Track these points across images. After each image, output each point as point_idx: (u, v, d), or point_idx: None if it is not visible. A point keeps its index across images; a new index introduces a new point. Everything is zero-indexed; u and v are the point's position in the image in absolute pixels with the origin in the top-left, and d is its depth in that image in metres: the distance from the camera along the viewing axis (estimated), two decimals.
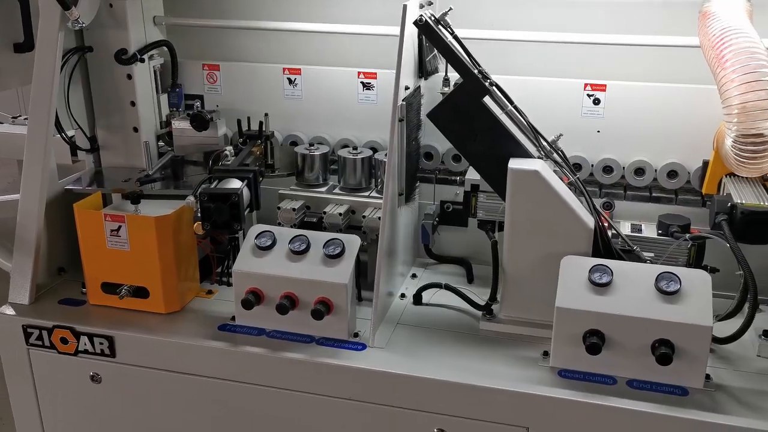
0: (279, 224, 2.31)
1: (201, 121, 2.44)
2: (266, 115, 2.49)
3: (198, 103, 2.54)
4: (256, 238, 2.11)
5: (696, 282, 1.85)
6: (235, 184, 2.16)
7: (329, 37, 2.54)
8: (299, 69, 2.56)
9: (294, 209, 2.31)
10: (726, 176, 2.12)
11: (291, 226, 2.28)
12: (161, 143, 2.57)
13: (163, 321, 2.18)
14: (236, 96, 2.64)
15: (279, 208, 2.33)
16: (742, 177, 2.05)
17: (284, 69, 2.57)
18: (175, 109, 2.62)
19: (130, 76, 2.43)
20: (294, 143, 2.59)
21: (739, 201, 1.93)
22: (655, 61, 2.30)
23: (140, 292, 2.19)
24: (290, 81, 2.58)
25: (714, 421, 1.75)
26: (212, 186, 2.16)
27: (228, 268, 2.35)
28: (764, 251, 1.91)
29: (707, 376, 1.85)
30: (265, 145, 2.46)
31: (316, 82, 2.57)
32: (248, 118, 2.51)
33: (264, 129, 2.47)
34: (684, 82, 2.25)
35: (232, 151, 2.40)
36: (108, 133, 2.52)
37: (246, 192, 2.17)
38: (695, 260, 2.04)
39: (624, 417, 1.80)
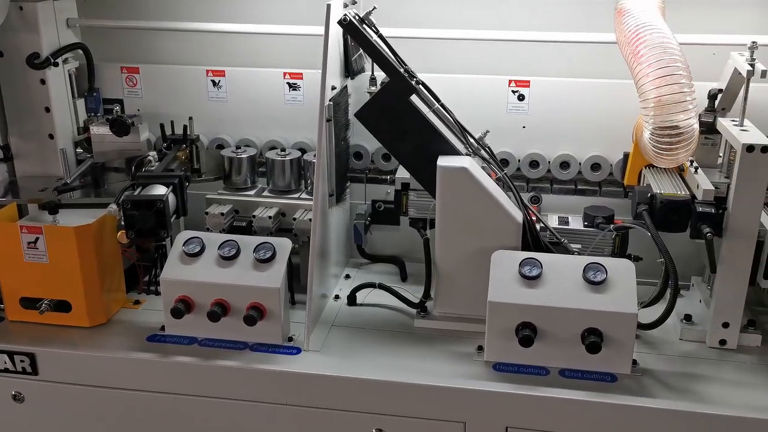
0: (207, 230, 2.26)
1: (121, 126, 2.36)
2: (190, 118, 2.43)
3: (117, 108, 2.45)
4: (183, 244, 2.06)
5: (621, 271, 1.90)
6: (160, 190, 2.10)
7: (253, 38, 2.50)
8: (223, 71, 2.51)
9: (222, 214, 2.26)
10: (645, 167, 2.19)
11: (220, 231, 2.24)
12: (80, 150, 2.48)
13: (87, 335, 2.10)
14: (158, 99, 2.57)
15: (207, 213, 2.28)
16: (661, 168, 2.12)
17: (208, 71, 2.52)
18: (93, 114, 2.53)
19: (43, 81, 2.33)
20: (220, 146, 2.54)
21: (658, 191, 2.00)
22: (576, 57, 2.36)
23: (62, 306, 2.10)
24: (214, 83, 2.53)
25: (641, 405, 1.80)
26: (136, 193, 2.09)
27: (155, 276, 2.29)
28: (683, 239, 1.98)
29: (634, 362, 1.91)
30: (190, 149, 2.40)
31: (242, 83, 2.52)
32: (171, 122, 2.45)
33: (188, 133, 2.41)
34: (604, 77, 2.32)
35: (156, 156, 2.33)
36: (22, 141, 2.41)
37: (172, 198, 2.11)
38: (620, 250, 2.11)
39: (557, 406, 1.84)
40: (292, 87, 2.49)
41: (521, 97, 2.38)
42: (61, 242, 2.03)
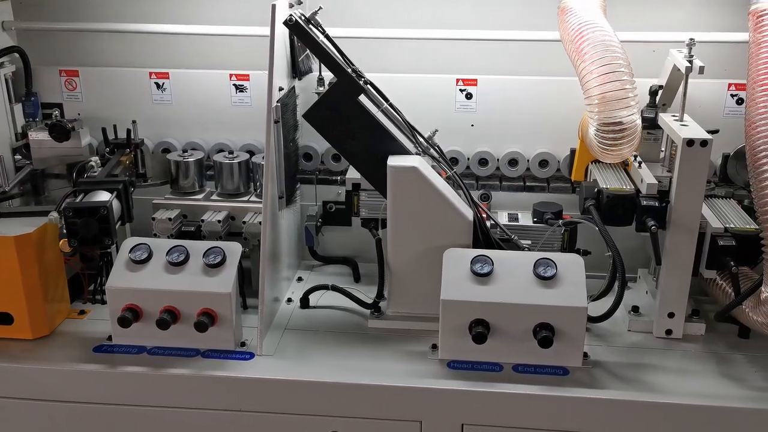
0: (155, 235, 2.21)
1: (61, 131, 2.29)
2: (134, 122, 2.37)
3: (57, 112, 2.37)
4: (130, 251, 2.01)
5: (570, 266, 1.93)
6: (104, 196, 2.04)
7: (198, 39, 2.46)
8: (167, 73, 2.46)
9: (170, 219, 2.21)
10: (592, 163, 2.23)
11: (168, 237, 2.19)
12: (18, 157, 2.41)
13: (31, 347, 2.03)
14: (99, 103, 2.50)
15: (154, 218, 2.23)
16: (606, 163, 2.16)
17: (151, 73, 2.47)
18: (31, 119, 2.46)
19: None
20: (166, 150, 2.49)
21: (604, 186, 2.04)
22: (522, 55, 2.39)
23: (3, 318, 2.03)
24: (158, 86, 2.47)
25: (593, 397, 1.84)
26: (78, 200, 2.03)
27: (101, 285, 2.22)
28: (630, 232, 2.02)
29: (585, 355, 1.94)
30: (134, 153, 2.34)
31: (186, 85, 2.48)
32: (114, 126, 2.39)
33: (132, 137, 2.35)
34: (549, 75, 2.35)
35: (98, 161, 2.27)
36: None
37: (116, 204, 2.06)
38: (569, 244, 2.14)
39: (512, 401, 1.85)
40: (239, 88, 2.45)
41: (469, 96, 2.40)
42: (1, 252, 1.95)
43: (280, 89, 2.06)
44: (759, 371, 1.94)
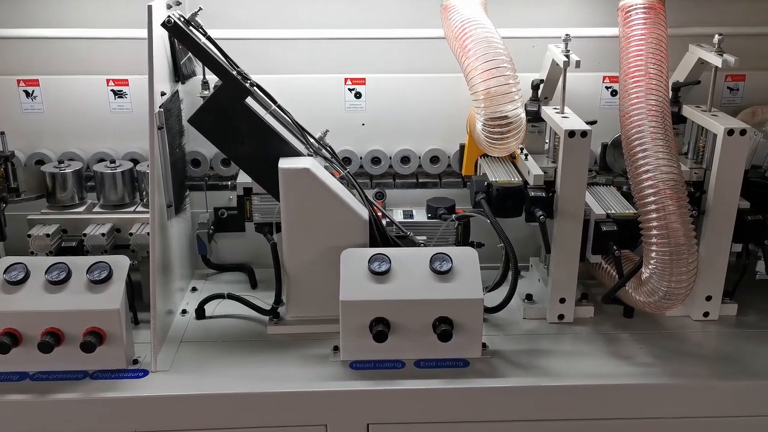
0: (32, 253, 2.08)
1: None
2: (2, 133, 2.21)
3: None
4: (4, 272, 1.87)
5: (465, 259, 1.97)
6: None
7: (70, 43, 2.32)
8: (37, 80, 2.32)
9: (48, 235, 2.08)
10: (481, 157, 2.28)
11: (46, 254, 2.06)
12: None
13: None
14: None
15: (30, 235, 2.09)
16: (494, 157, 2.21)
17: (19, 81, 2.31)
18: None
19: None
20: (40, 162, 2.34)
21: (493, 179, 2.09)
22: (408, 53, 2.41)
23: None
24: (28, 94, 2.32)
25: (493, 386, 1.88)
26: None
27: None
28: (520, 223, 2.08)
29: (484, 345, 1.98)
30: (4, 167, 2.18)
31: (60, 93, 2.34)
32: None
33: (2, 149, 2.19)
34: (436, 72, 2.38)
35: None
36: None
37: None
38: (463, 238, 2.18)
39: (415, 397, 1.87)
40: (118, 94, 2.34)
41: (358, 95, 2.39)
42: None
43: (163, 94, 1.98)
44: (644, 348, 2.05)
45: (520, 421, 1.90)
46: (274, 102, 2.07)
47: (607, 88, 2.42)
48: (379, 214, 2.11)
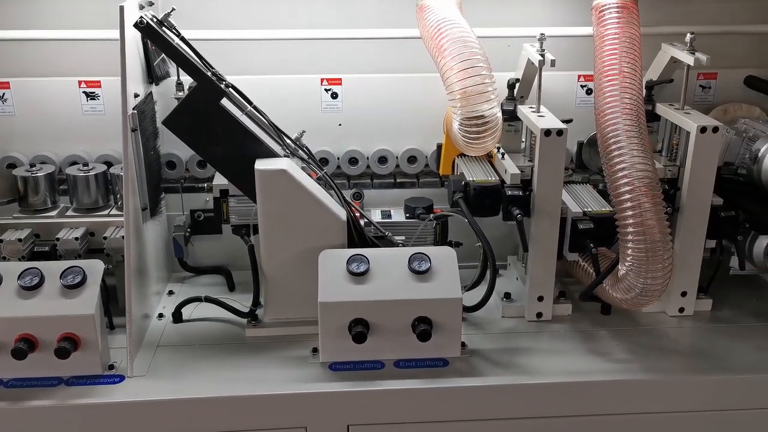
0: (4, 259, 2.04)
1: None
2: None
3: None
4: None
5: (443, 258, 1.97)
6: None
7: (41, 45, 2.29)
8: (7, 82, 2.28)
9: (20, 240, 2.04)
10: (458, 157, 2.28)
11: (18, 260, 2.03)
12: None
13: None
14: None
15: (1, 240, 2.05)
16: (472, 156, 2.22)
17: None
18: None
19: None
20: (12, 166, 2.31)
21: (471, 179, 2.09)
22: (385, 53, 2.40)
23: None
24: None
25: (473, 385, 1.88)
26: None
27: None
28: (497, 221, 2.09)
29: (463, 344, 1.99)
30: None
31: (31, 95, 2.30)
32: None
33: None
34: (412, 72, 2.38)
35: None
36: None
37: None
38: (441, 237, 2.19)
39: (395, 397, 1.86)
40: (90, 96, 2.31)
41: (335, 95, 2.38)
42: None
43: (136, 95, 1.96)
44: (621, 344, 2.06)
45: (500, 419, 1.91)
46: (250, 103, 2.05)
47: (582, 86, 2.44)
48: (357, 214, 2.11)
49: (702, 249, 2.13)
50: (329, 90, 2.38)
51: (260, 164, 1.96)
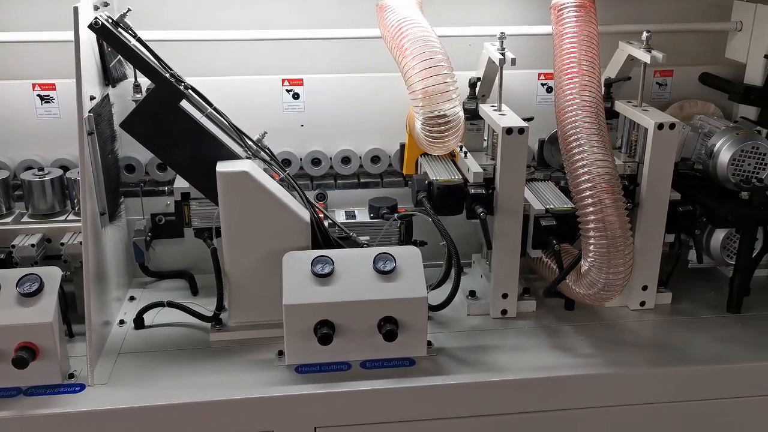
0: None
1: None
2: None
3: None
4: None
5: (408, 258, 1.97)
6: None
7: None
8: None
9: None
10: (421, 156, 2.28)
11: None
12: None
13: None
14: None
15: None
16: (435, 155, 2.22)
17: None
18: None
19: None
20: None
21: (434, 178, 2.10)
22: (346, 53, 2.40)
23: None
24: None
25: (440, 383, 1.89)
26: None
27: None
28: (461, 220, 2.09)
29: (429, 343, 1.99)
30: None
31: None
32: None
33: None
34: (374, 71, 2.37)
35: None
36: None
37: None
38: (405, 237, 2.19)
39: (362, 398, 1.86)
40: (45, 99, 2.25)
41: (296, 96, 2.37)
42: None
43: (92, 98, 1.92)
44: (585, 339, 2.09)
45: (467, 417, 1.91)
46: (210, 105, 2.02)
47: (542, 84, 2.46)
48: (321, 215, 2.09)
49: (661, 243, 2.17)
50: (291, 91, 2.36)
51: (221, 166, 1.94)
